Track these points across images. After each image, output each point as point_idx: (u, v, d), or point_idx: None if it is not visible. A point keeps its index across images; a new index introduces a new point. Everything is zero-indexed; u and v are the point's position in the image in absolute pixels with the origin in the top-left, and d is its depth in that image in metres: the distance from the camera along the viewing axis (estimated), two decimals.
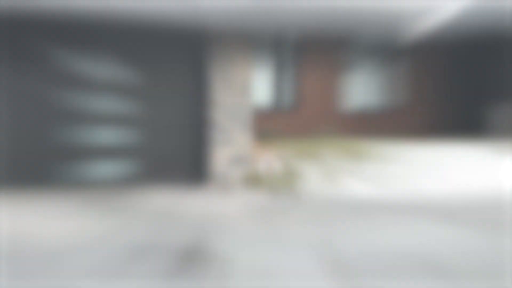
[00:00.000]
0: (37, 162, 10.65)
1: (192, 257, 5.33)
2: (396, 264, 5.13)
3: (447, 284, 4.45)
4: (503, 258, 5.45)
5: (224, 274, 4.63)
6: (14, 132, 10.41)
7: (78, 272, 4.87)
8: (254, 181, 11.18)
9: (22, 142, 10.46)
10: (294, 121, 15.90)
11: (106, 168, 11.17)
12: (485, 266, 5.14)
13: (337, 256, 5.33)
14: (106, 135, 11.09)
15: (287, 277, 4.50)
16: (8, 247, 5.71)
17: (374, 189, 10.40)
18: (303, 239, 6.09)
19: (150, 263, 5.01)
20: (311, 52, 16.03)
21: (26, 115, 10.47)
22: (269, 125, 15.20)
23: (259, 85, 15.35)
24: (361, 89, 17.05)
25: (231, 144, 11.63)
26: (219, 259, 5.15)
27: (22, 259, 5.28)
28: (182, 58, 11.57)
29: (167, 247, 5.60)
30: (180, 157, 11.65)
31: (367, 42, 17.22)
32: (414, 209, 8.53)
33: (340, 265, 5.05)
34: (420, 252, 5.43)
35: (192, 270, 4.84)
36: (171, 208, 8.54)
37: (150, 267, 4.92)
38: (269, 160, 12.57)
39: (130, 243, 5.75)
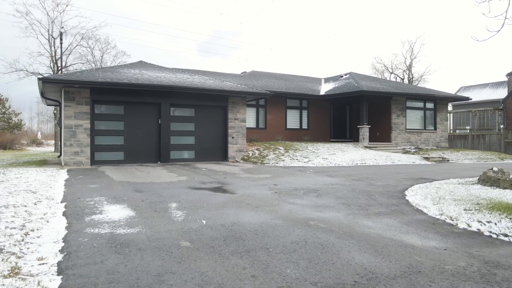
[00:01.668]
0: (156, 151, 13.98)
1: (220, 186, 9.59)
2: (300, 190, 9.13)
3: (319, 196, 8.54)
4: (352, 190, 9.59)
5: (233, 188, 8.86)
6: (143, 139, 13.72)
7: (178, 190, 9.15)
8: (246, 159, 14.92)
9: (148, 143, 13.82)
10: (265, 134, 18.34)
11: (184, 154, 14.73)
12: (339, 192, 9.22)
13: (277, 187, 9.44)
14: (184, 140, 14.58)
15: (256, 194, 8.42)
16: (145, 182, 9.90)
17: (298, 162, 13.73)
18: (263, 180, 10.16)
19: (205, 187, 9.26)
20: (272, 102, 18.80)
21: (149, 131, 13.84)
22: (254, 136, 17.55)
23: (249, 117, 17.81)
24: (292, 119, 20.03)
25: (237, 144, 15.54)
26: (231, 187, 9.28)
27: (153, 187, 9.51)
28: (216, 106, 15.13)
29: (210, 183, 9.78)
30: (215, 150, 15.25)
31: (293, 99, 19.53)
32: (317, 170, 12.03)
33: (277, 190, 9.11)
34: (312, 186, 9.08)
35: (220, 190, 9.12)
36: (212, 169, 12.11)
37: (205, 187, 9.17)
38: (253, 150, 15.63)
39: (198, 181, 9.82)
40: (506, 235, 4.19)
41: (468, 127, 29.07)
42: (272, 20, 73.76)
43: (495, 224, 4.53)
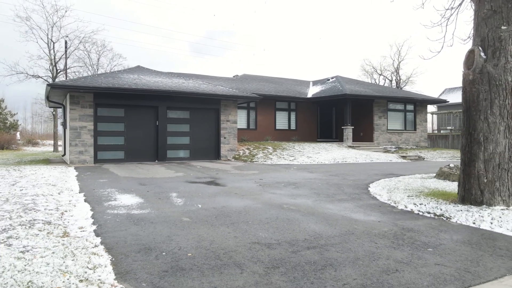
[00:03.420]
0: (154, 150, 15.23)
1: (213, 180, 10.93)
2: (281, 183, 10.49)
3: (297, 187, 10.02)
4: (326, 183, 10.97)
5: (224, 182, 10.20)
6: (142, 139, 14.97)
7: (176, 183, 10.46)
8: (237, 157, 16.27)
9: (146, 143, 15.10)
10: (255, 134, 19.67)
11: (180, 153, 15.99)
12: (314, 184, 10.63)
13: (262, 181, 10.82)
14: (180, 140, 15.84)
15: (244, 186, 9.86)
16: (147, 177, 11.21)
17: (284, 161, 15.23)
18: (251, 176, 11.56)
19: (199, 181, 10.55)
20: (262, 104, 20.71)
21: (148, 132, 15.14)
22: (245, 136, 18.91)
23: (241, 119, 19.20)
24: (281, 120, 21.65)
25: (228, 144, 16.82)
26: (222, 181, 10.64)
27: (155, 181, 10.80)
28: (209, 108, 16.47)
29: (204, 178, 11.12)
30: (208, 149, 16.54)
31: (282, 101, 21.23)
32: (300, 167, 13.42)
33: (261, 183, 10.50)
34: (292, 180, 10.51)
35: (213, 183, 10.46)
36: (205, 166, 13.52)
37: (199, 181, 10.50)
38: (244, 149, 17.02)
39: (193, 176, 11.18)
40: (429, 212, 5.59)
41: (449, 128, 30.64)
42: (265, 22, 75.10)
43: (425, 205, 5.93)
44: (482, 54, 5.48)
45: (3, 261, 3.23)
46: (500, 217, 4.97)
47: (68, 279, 2.93)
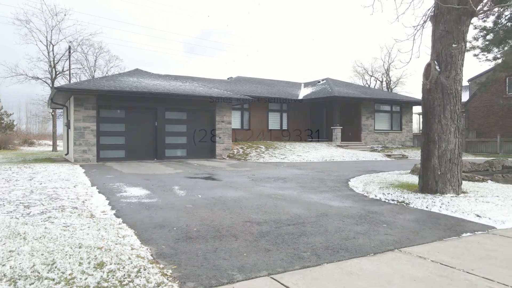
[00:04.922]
0: (153, 149, 16.21)
1: (209, 176, 11.94)
2: (272, 178, 11.59)
3: (285, 182, 11.14)
4: (312, 178, 12.07)
5: (220, 177, 11.26)
6: (142, 139, 16.01)
7: (177, 178, 11.49)
8: (231, 156, 17.31)
9: (146, 142, 16.09)
10: (249, 134, 21.21)
11: (177, 152, 16.98)
12: (300, 179, 11.74)
13: (254, 177, 11.87)
14: (177, 140, 16.85)
15: (238, 181, 10.95)
16: (149, 173, 12.19)
17: (275, 159, 16.39)
18: (244, 172, 12.59)
19: (197, 177, 11.60)
20: (255, 106, 22.01)
21: (147, 132, 16.13)
22: (239, 136, 21.12)
23: (235, 119, 21.73)
24: (273, 121, 22.59)
25: (223, 143, 17.83)
26: (218, 177, 11.62)
27: (157, 176, 11.78)
28: (205, 110, 17.50)
29: (201, 174, 12.14)
30: (204, 148, 17.57)
31: (274, 103, 22.89)
32: (290, 165, 14.51)
33: (253, 178, 11.58)
34: (281, 176, 11.62)
35: (210, 178, 11.48)
36: (202, 164, 14.52)
37: (198, 177, 11.56)
38: (238, 149, 18.19)
39: (192, 173, 12.15)
40: (393, 200, 6.69)
41: None
42: (258, 23, 76.16)
43: (391, 194, 7.03)
44: (437, 67, 6.59)
45: (53, 231, 4.25)
46: (448, 203, 6.09)
47: (106, 242, 3.97)
